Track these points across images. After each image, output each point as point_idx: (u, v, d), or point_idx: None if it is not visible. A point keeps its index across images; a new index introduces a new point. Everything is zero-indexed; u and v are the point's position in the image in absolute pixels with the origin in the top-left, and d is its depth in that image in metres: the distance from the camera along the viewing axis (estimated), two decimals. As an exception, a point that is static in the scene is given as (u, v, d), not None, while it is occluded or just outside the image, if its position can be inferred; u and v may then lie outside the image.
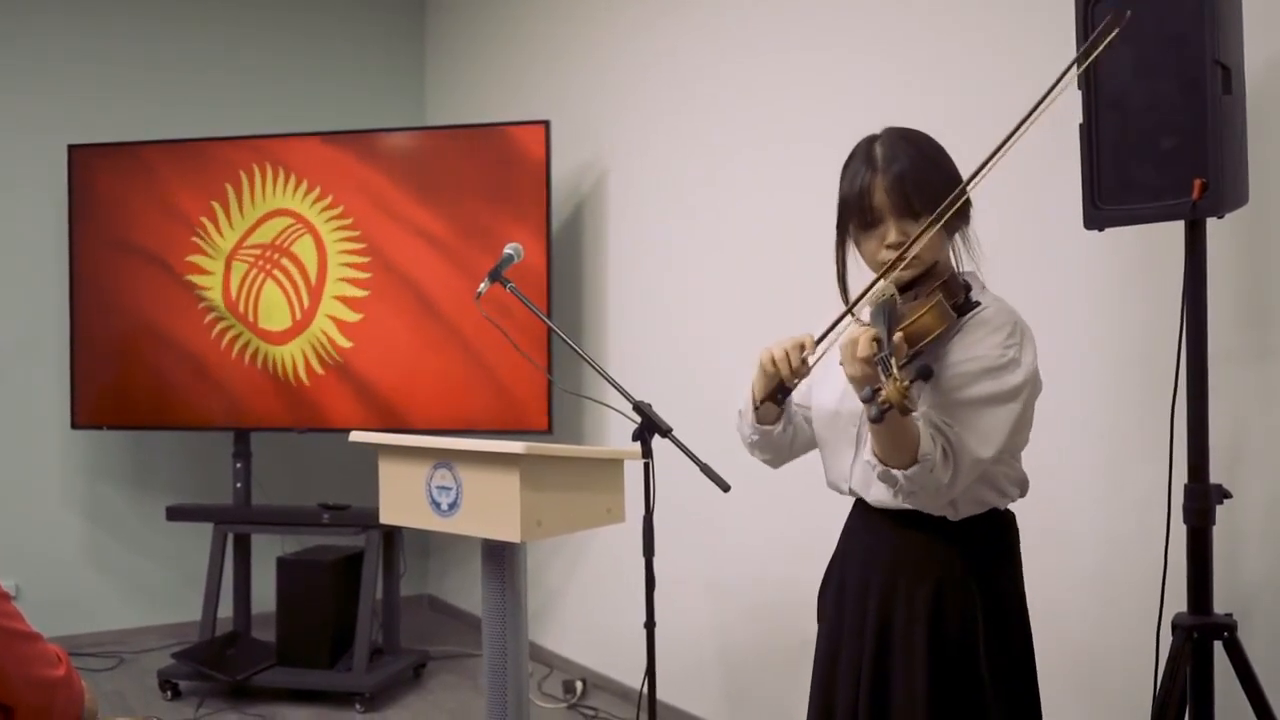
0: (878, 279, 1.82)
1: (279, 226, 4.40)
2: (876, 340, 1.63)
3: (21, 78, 4.81)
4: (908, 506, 1.84)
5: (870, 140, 1.88)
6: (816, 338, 1.87)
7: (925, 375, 1.62)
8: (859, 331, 1.66)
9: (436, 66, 5.60)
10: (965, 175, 1.80)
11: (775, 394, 1.92)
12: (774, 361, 1.86)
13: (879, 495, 1.89)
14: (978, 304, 1.83)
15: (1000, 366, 1.77)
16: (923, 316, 1.71)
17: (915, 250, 1.77)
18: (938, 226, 1.75)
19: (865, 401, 1.59)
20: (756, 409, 1.97)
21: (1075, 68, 1.79)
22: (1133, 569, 2.41)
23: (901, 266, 1.78)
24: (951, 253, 1.91)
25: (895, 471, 1.71)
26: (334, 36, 5.43)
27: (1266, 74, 2.18)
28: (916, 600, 1.85)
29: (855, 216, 1.86)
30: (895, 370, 1.56)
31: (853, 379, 1.68)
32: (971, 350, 1.78)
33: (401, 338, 4.32)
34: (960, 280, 1.84)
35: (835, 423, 1.96)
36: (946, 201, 1.75)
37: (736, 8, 3.57)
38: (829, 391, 1.98)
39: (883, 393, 1.54)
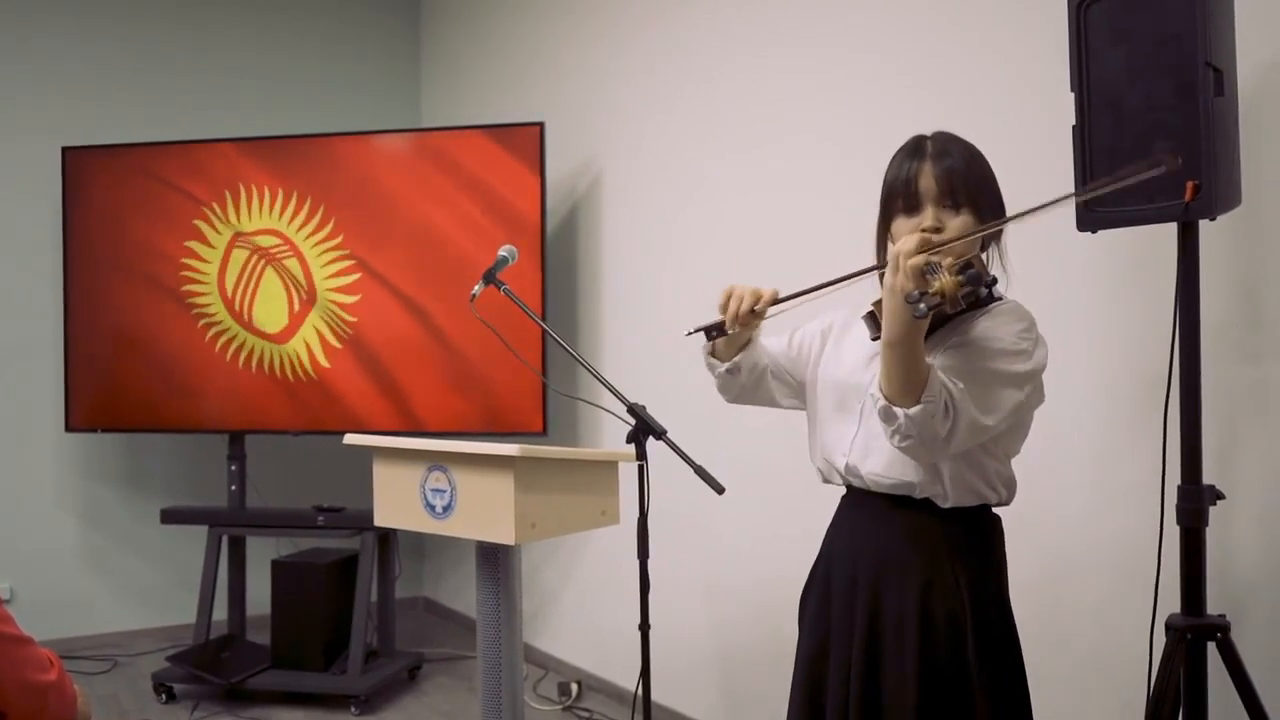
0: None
1: (269, 241, 4.41)
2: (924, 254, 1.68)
3: (16, 80, 4.81)
4: (899, 484, 1.87)
5: (921, 137, 1.94)
6: (781, 295, 1.96)
7: (975, 279, 1.65)
8: (909, 241, 1.71)
9: (432, 68, 5.60)
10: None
11: (711, 330, 2.03)
12: (728, 298, 1.98)
13: (874, 468, 1.91)
14: (1001, 298, 1.89)
15: (1015, 352, 1.82)
16: (964, 256, 1.76)
17: (949, 234, 1.82)
18: (975, 236, 1.82)
19: (911, 302, 1.62)
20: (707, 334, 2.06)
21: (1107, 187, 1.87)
22: (1126, 570, 2.42)
23: (932, 251, 1.80)
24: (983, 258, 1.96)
25: (898, 409, 1.72)
26: (329, 38, 5.43)
27: (1259, 76, 2.19)
28: (905, 595, 1.87)
29: (899, 200, 1.90)
30: (946, 270, 1.63)
31: (893, 289, 1.69)
32: (993, 331, 1.84)
33: (396, 340, 4.31)
34: (989, 274, 1.87)
35: (843, 395, 1.98)
36: (970, 232, 1.82)
37: (732, 8, 3.57)
38: (840, 366, 2.02)
39: (934, 285, 1.62)
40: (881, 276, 1.79)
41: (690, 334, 2.09)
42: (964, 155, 1.89)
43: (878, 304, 1.88)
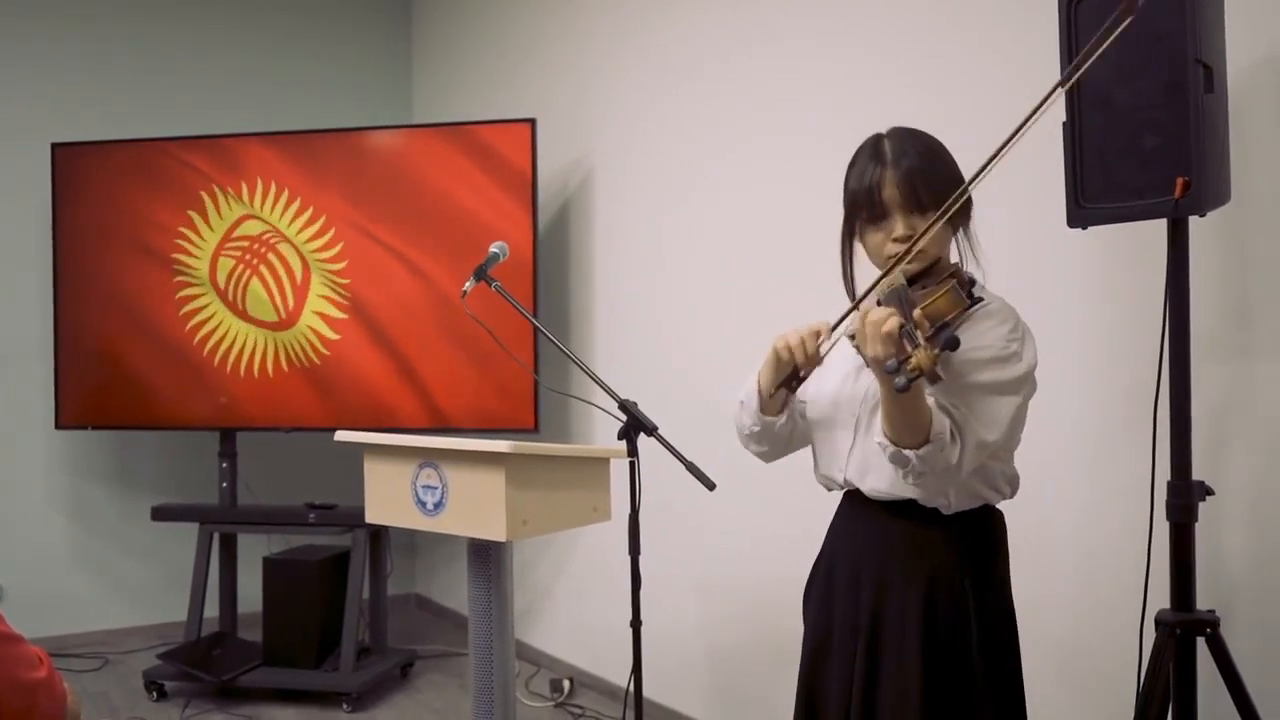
0: (885, 273, 1.83)
1: (260, 228, 4.40)
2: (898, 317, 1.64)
3: (5, 77, 4.79)
4: (901, 498, 1.86)
5: (878, 137, 1.90)
6: (832, 325, 1.87)
7: (952, 345, 1.61)
8: (880, 311, 1.66)
9: (423, 64, 5.59)
10: (965, 173, 1.82)
11: (789, 381, 1.92)
12: (789, 348, 1.86)
13: (875, 484, 1.90)
14: (981, 299, 1.85)
15: (1005, 357, 1.80)
16: (938, 300, 1.72)
17: (923, 243, 1.79)
18: (944, 220, 1.77)
19: (891, 373, 1.59)
20: (769, 395, 1.95)
21: (1095, 51, 1.74)
22: (1116, 566, 2.42)
23: (908, 260, 1.80)
24: (956, 250, 1.94)
25: (908, 452, 1.70)
26: (321, 34, 5.42)
27: (1248, 73, 2.19)
28: (909, 596, 1.86)
29: (864, 210, 1.87)
30: (923, 340, 1.59)
31: (874, 358, 1.66)
32: (978, 339, 1.80)
33: (387, 336, 4.31)
34: (966, 275, 1.86)
35: (834, 411, 1.96)
36: (954, 197, 1.76)
37: (727, 6, 3.57)
38: (828, 380, 1.99)
39: (912, 361, 1.57)
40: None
41: (773, 395, 1.96)
42: (922, 152, 1.85)
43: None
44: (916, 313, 1.67)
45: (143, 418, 4.52)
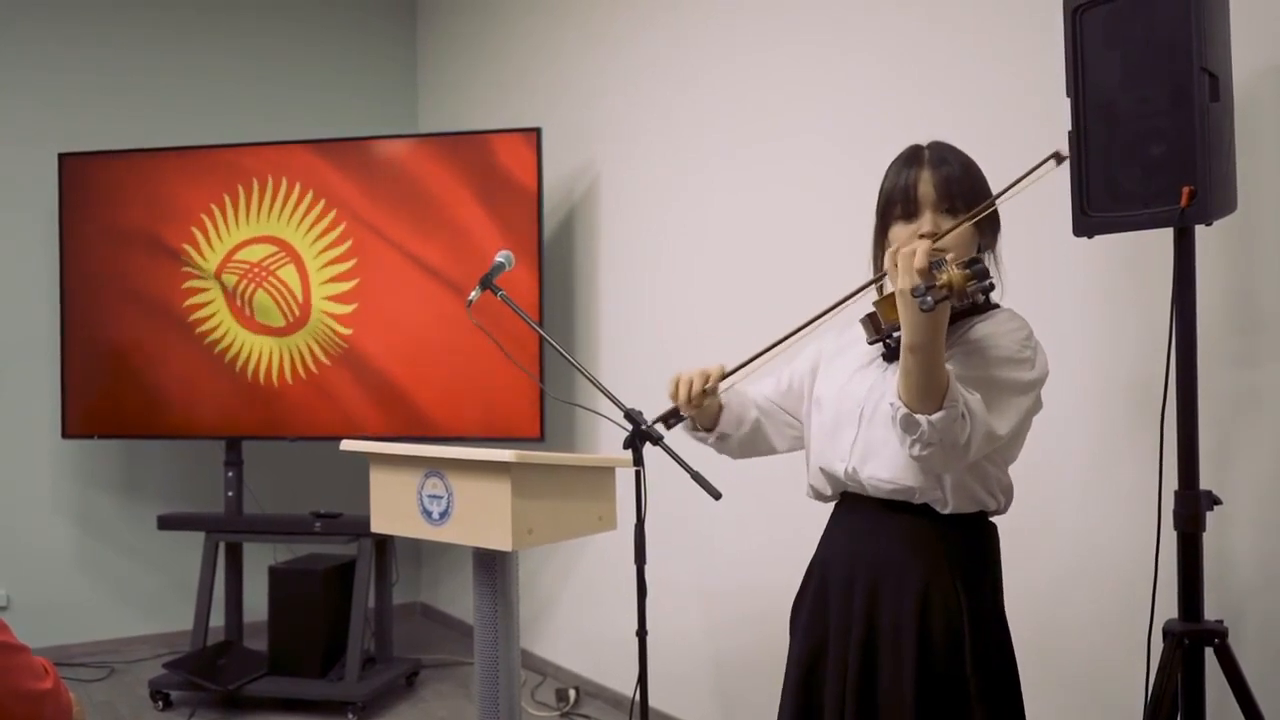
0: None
1: (264, 252, 4.41)
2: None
3: (12, 86, 4.81)
4: (900, 487, 1.86)
5: (918, 146, 1.96)
6: (729, 370, 1.96)
7: (983, 275, 1.62)
8: (910, 243, 1.70)
9: (428, 74, 5.60)
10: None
11: (669, 419, 2.04)
12: (677, 384, 1.99)
13: (875, 471, 1.89)
14: (997, 305, 1.89)
15: (1019, 360, 1.82)
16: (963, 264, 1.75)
17: (947, 241, 1.83)
18: (969, 221, 1.84)
19: (918, 296, 1.60)
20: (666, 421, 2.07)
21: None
22: (1123, 576, 2.41)
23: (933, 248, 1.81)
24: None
25: (919, 416, 1.69)
26: (326, 44, 5.44)
27: (1254, 81, 2.19)
28: (903, 602, 1.87)
29: (897, 206, 1.91)
30: (953, 267, 1.62)
31: (902, 289, 1.68)
32: (995, 340, 1.83)
33: (392, 345, 4.31)
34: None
35: (838, 409, 1.97)
36: (978, 209, 1.85)
37: (727, 13, 3.58)
38: (832, 383, 2.01)
39: (942, 278, 1.60)
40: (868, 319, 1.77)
41: (647, 427, 2.11)
42: (961, 164, 1.90)
43: (878, 302, 1.88)
44: (949, 255, 1.72)
45: (149, 427, 4.53)
